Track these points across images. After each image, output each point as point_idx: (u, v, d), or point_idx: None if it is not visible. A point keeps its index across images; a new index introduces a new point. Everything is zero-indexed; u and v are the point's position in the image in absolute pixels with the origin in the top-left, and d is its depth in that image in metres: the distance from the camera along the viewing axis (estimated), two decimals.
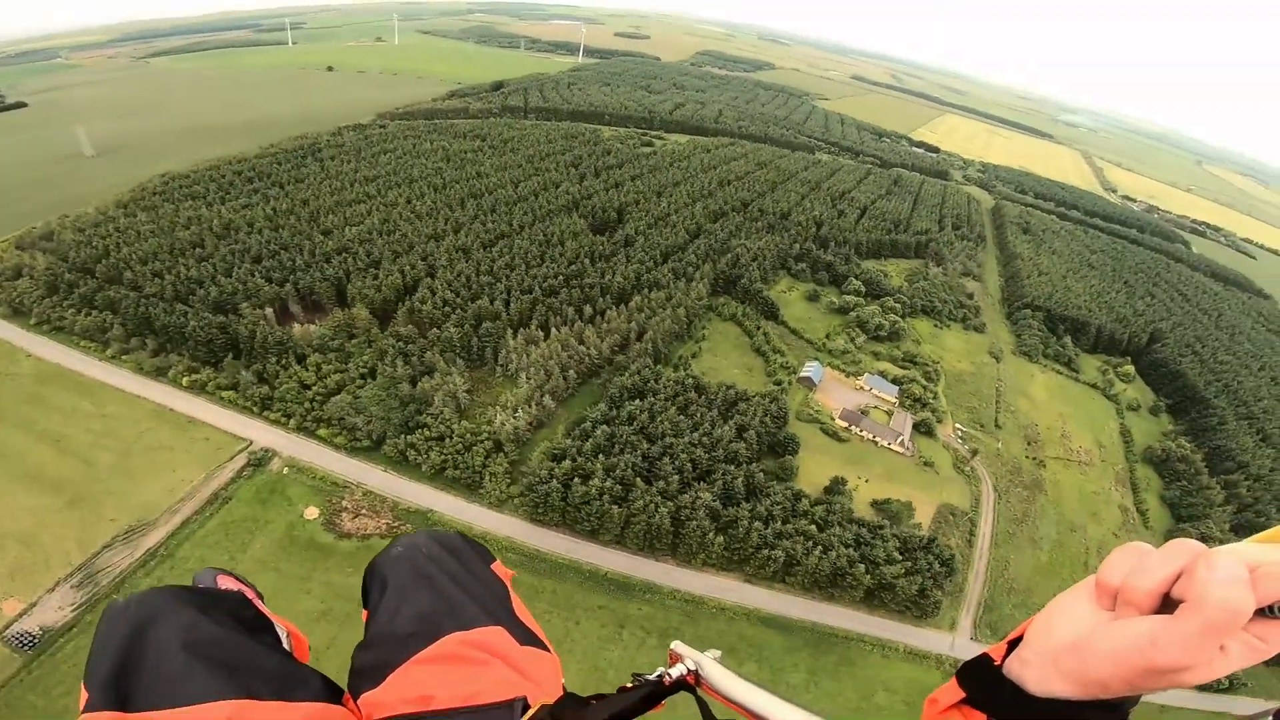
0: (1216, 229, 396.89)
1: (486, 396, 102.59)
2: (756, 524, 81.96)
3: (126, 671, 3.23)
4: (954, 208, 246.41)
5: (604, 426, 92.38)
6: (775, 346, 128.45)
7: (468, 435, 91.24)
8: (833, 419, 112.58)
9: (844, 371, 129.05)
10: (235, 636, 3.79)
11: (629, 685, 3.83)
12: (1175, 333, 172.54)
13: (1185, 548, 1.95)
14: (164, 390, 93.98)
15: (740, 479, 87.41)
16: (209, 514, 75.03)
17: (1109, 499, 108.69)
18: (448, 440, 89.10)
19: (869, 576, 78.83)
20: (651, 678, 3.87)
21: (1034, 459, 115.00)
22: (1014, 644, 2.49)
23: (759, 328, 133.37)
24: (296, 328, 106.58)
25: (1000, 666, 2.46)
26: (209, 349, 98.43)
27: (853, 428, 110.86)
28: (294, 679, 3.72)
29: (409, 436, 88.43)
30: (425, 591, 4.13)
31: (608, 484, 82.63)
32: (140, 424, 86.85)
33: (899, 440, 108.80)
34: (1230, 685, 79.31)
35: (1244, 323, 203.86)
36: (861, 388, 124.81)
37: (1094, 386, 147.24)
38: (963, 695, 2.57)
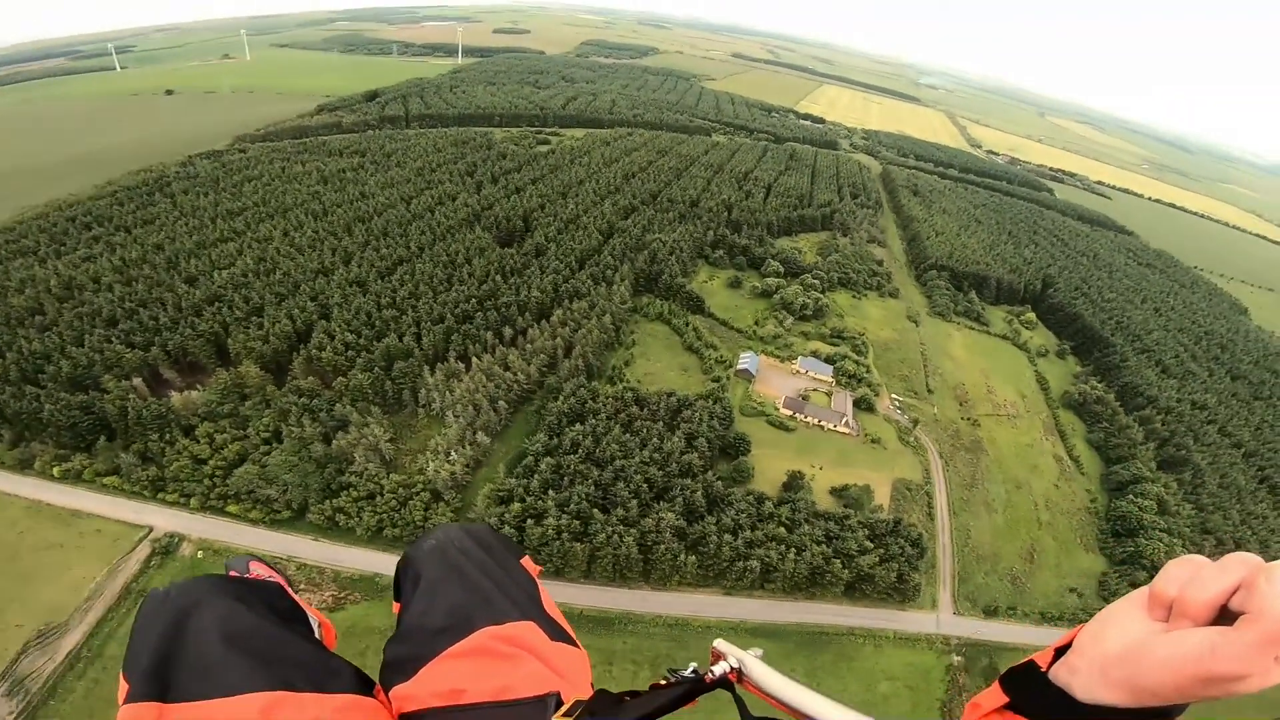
0: (1071, 174, 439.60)
1: (413, 443, 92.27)
2: (726, 536, 78.08)
3: (167, 661, 3.24)
4: (849, 176, 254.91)
5: (547, 459, 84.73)
6: (707, 341, 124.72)
7: (400, 489, 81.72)
8: (776, 409, 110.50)
9: (778, 357, 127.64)
10: (272, 627, 3.74)
11: (663, 682, 3.77)
12: (1063, 277, 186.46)
13: (1242, 561, 2.00)
14: (34, 484, 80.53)
15: (699, 491, 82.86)
16: (125, 610, 67.86)
17: (1042, 449, 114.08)
18: (379, 498, 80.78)
19: (846, 571, 77.21)
20: (687, 673, 3.81)
21: (968, 419, 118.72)
22: (1060, 651, 2.50)
23: (687, 324, 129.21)
24: (175, 396, 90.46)
25: (1046, 673, 2.46)
26: (74, 433, 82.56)
27: (797, 415, 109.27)
28: (328, 670, 3.69)
29: (334, 500, 79.89)
30: (457, 585, 4.07)
31: (564, 521, 75.99)
32: (17, 524, 75.19)
33: (843, 421, 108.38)
34: None
35: (1117, 259, 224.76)
36: (798, 371, 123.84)
37: (1004, 338, 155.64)
38: (1006, 700, 2.58)
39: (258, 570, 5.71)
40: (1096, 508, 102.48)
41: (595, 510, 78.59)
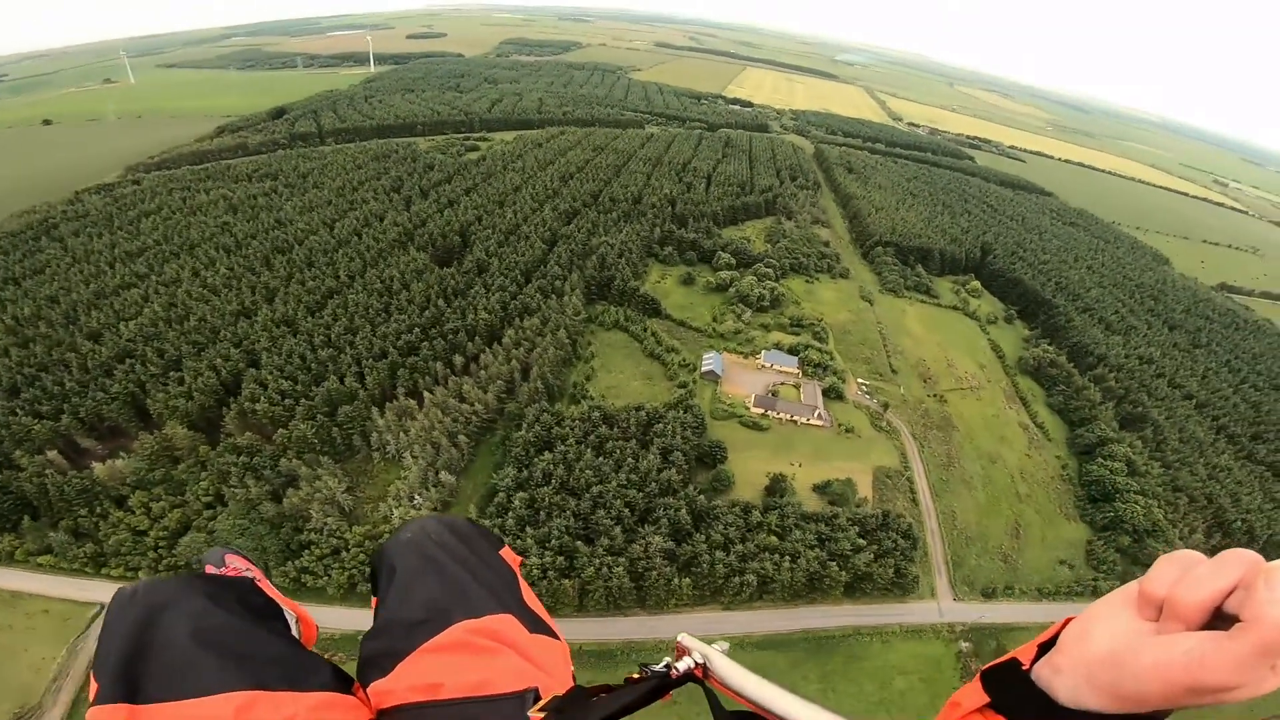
0: (987, 141, 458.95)
1: (372, 490, 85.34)
2: (718, 553, 74.70)
3: (136, 661, 3.17)
4: (785, 159, 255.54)
5: (520, 493, 78.89)
6: (667, 345, 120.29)
7: (366, 541, 75.80)
8: (748, 409, 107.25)
9: (741, 353, 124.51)
10: (245, 624, 3.67)
11: (635, 676, 3.73)
12: (999, 243, 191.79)
13: (1239, 559, 1.83)
14: None
15: (683, 509, 78.58)
16: None
17: (1008, 419, 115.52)
18: (345, 553, 75.35)
19: (844, 573, 75.10)
20: (658, 669, 3.78)
21: (934, 396, 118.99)
22: (1044, 646, 2.40)
23: (646, 329, 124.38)
24: (99, 466, 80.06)
25: (1029, 671, 2.37)
26: None
27: (769, 413, 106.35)
28: (304, 667, 3.61)
29: (296, 560, 74.86)
30: (433, 577, 3.99)
31: (547, 558, 71.37)
32: None
33: (816, 414, 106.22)
34: None
35: (1043, 221, 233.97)
36: (763, 366, 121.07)
37: (955, 309, 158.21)
38: (987, 700, 2.48)
39: (233, 563, 5.70)
40: (1069, 474, 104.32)
41: (578, 543, 73.90)
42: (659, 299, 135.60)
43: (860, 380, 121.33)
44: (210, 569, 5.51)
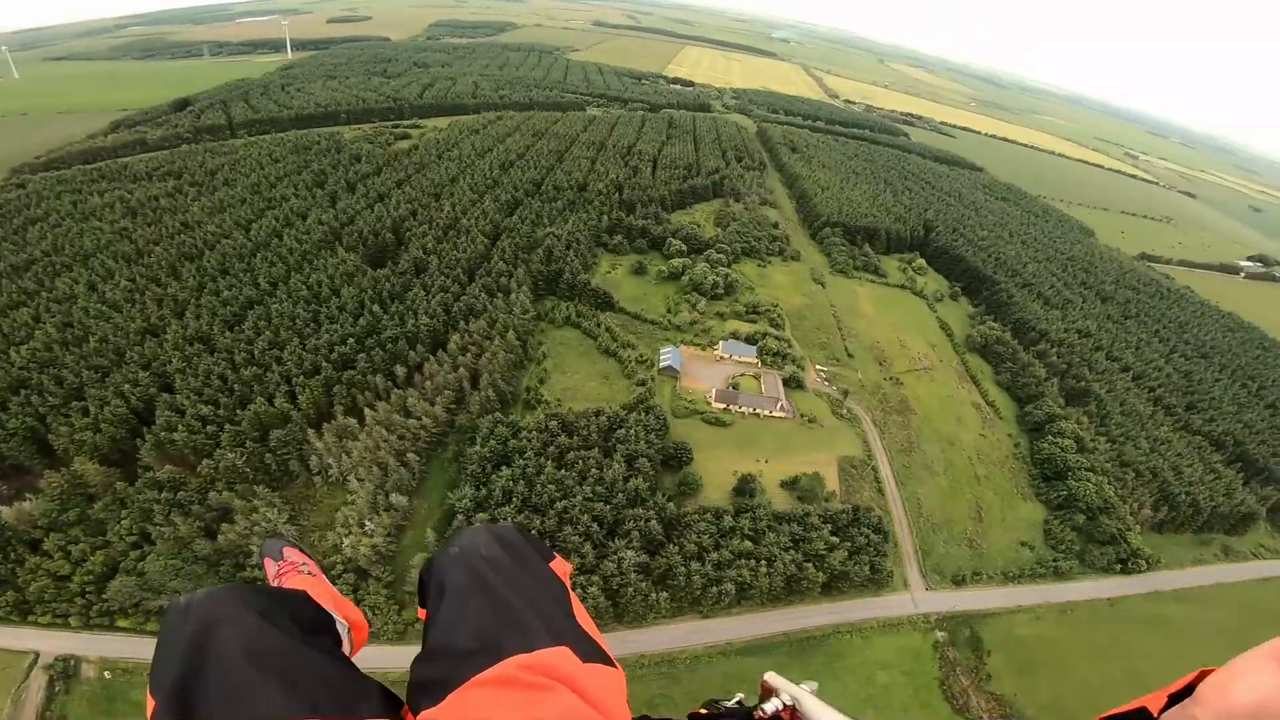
0: (918, 117, 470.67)
1: (317, 518, 78.70)
2: (694, 564, 72.33)
3: (192, 681, 3.20)
4: (730, 139, 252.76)
5: (479, 514, 74.07)
6: (623, 341, 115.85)
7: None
8: (709, 404, 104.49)
9: (698, 345, 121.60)
10: (297, 645, 3.66)
11: (702, 711, 3.78)
12: (940, 219, 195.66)
13: None
14: None
15: (653, 519, 75.21)
16: None
17: (961, 399, 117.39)
18: None
19: (820, 573, 73.94)
20: (731, 704, 3.79)
21: (891, 379, 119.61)
22: (1174, 696, 2.42)
23: (599, 324, 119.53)
24: (4, 510, 71.74)
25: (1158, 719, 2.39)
26: None
27: (731, 407, 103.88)
28: (356, 691, 3.63)
29: None
30: (483, 600, 3.85)
31: None
32: None
33: (778, 405, 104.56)
34: None
35: (977, 196, 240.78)
36: (721, 358, 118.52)
37: (903, 287, 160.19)
38: None
39: (291, 556, 5.92)
40: (1021, 452, 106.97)
41: None
42: (611, 291, 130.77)
43: (819, 367, 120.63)
44: (269, 562, 6.01)
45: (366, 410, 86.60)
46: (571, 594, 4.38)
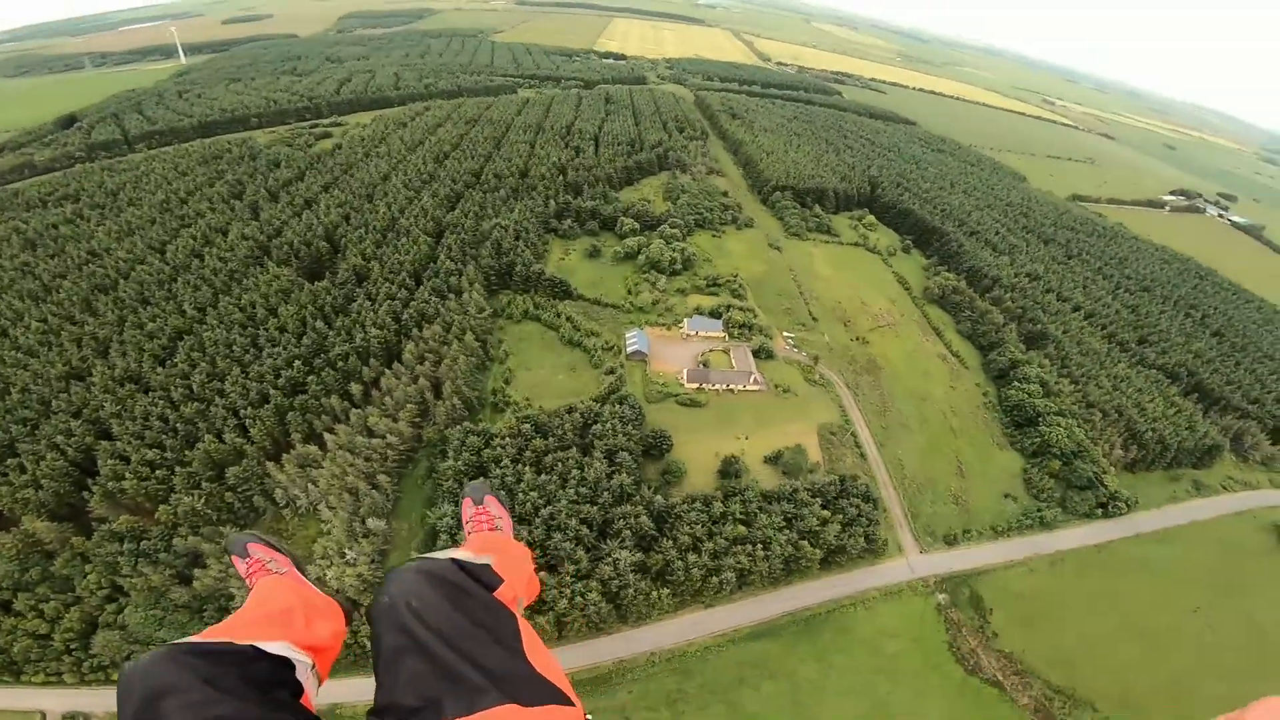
0: (849, 75, 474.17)
1: (294, 550, 70.93)
2: (690, 556, 70.36)
3: None
4: (669, 111, 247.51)
5: (462, 533, 68.91)
6: (586, 329, 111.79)
7: None
8: (681, 385, 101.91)
9: (663, 325, 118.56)
10: (249, 709, 3.51)
11: None
12: (884, 175, 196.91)
13: None
14: None
15: (642, 514, 72.53)
16: None
17: (926, 352, 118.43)
18: None
19: (817, 550, 72.80)
20: None
21: (857, 339, 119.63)
22: None
23: (559, 314, 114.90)
24: None
25: None
26: None
27: (704, 386, 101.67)
28: None
29: None
30: (417, 659, 3.68)
31: None
32: None
33: (751, 379, 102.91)
34: None
35: (915, 150, 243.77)
36: (688, 335, 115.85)
37: (856, 245, 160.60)
38: None
39: (257, 553, 5.83)
40: (990, 401, 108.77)
41: (542, 574, 66.56)
42: (567, 279, 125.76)
43: (786, 334, 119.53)
44: (237, 560, 5.91)
45: (326, 435, 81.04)
46: (521, 623, 4.21)
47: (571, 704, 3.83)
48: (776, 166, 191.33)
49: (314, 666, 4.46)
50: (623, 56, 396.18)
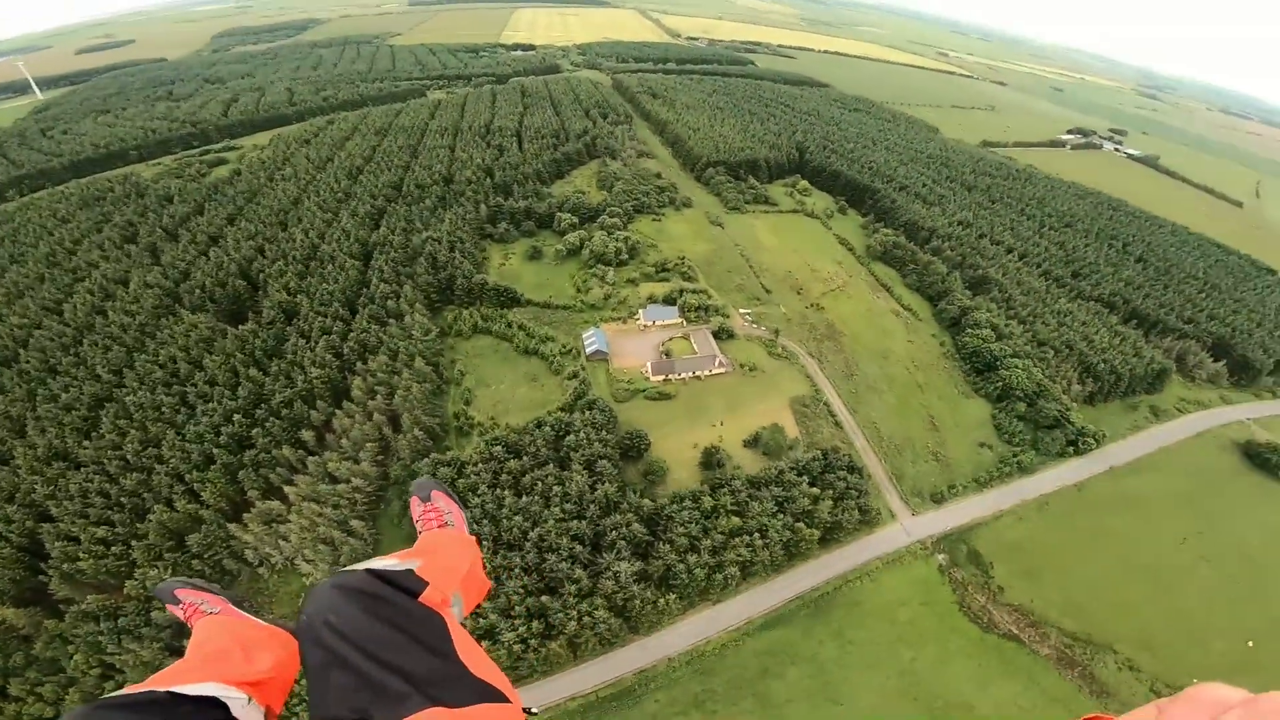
0: (759, 44, 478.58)
1: (280, 608, 70.28)
2: (690, 557, 68.46)
3: None
4: (589, 97, 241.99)
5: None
6: (540, 335, 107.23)
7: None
8: (647, 380, 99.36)
9: (619, 319, 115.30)
10: None
11: None
12: (809, 140, 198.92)
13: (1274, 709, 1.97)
14: None
15: (633, 522, 69.90)
16: None
17: (880, 310, 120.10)
18: (297, 684, 57.57)
19: (814, 530, 72.30)
20: None
21: (812, 306, 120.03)
22: None
23: (510, 324, 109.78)
24: None
25: None
26: None
27: (670, 377, 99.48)
28: None
29: None
30: (340, 673, 3.68)
31: (519, 629, 61.88)
32: None
33: (716, 362, 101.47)
34: None
35: (833, 111, 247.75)
36: (645, 326, 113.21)
37: (794, 212, 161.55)
38: None
39: (186, 598, 5.78)
40: (948, 350, 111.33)
41: (544, 598, 64.27)
42: (512, 285, 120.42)
43: (742, 310, 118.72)
44: (170, 608, 5.88)
45: (286, 488, 74.60)
46: (451, 625, 4.20)
47: (506, 700, 3.81)
48: (705, 142, 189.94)
49: (250, 700, 4.30)
50: (532, 47, 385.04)
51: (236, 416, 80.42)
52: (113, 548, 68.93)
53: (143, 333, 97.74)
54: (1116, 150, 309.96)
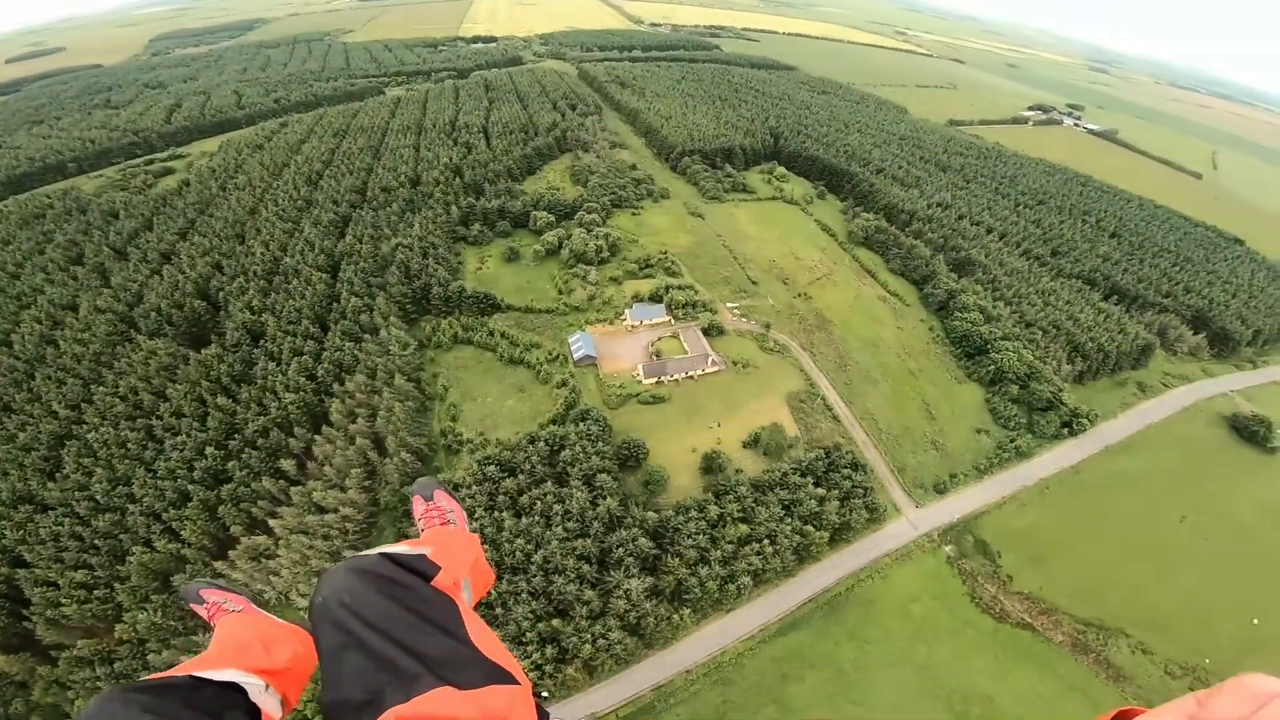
0: (723, 28, 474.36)
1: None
2: (700, 569, 66.38)
3: None
4: (556, 89, 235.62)
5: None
6: (525, 343, 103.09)
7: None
8: (639, 383, 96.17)
9: (605, 321, 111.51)
10: None
11: None
12: (783, 125, 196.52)
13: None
14: None
15: (639, 537, 67.10)
16: None
17: (867, 297, 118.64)
18: None
19: (823, 533, 70.76)
20: None
21: (799, 296, 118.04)
22: None
23: (491, 333, 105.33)
24: None
25: None
26: None
27: (662, 379, 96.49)
28: None
29: None
30: (356, 654, 3.75)
31: (534, 655, 59.51)
32: None
33: (709, 361, 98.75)
34: None
35: (803, 95, 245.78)
36: (632, 326, 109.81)
37: (774, 199, 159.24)
38: None
39: (210, 597, 6.04)
40: (938, 334, 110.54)
41: (555, 622, 61.64)
42: (491, 290, 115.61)
43: (730, 305, 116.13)
44: (195, 607, 6.11)
45: (271, 521, 69.99)
46: (464, 609, 4.28)
47: (516, 683, 3.86)
48: (679, 131, 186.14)
49: (268, 687, 4.41)
50: (493, 39, 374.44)
51: (209, 449, 75.18)
52: (95, 591, 65.26)
53: (98, 363, 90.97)
54: (1076, 125, 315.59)
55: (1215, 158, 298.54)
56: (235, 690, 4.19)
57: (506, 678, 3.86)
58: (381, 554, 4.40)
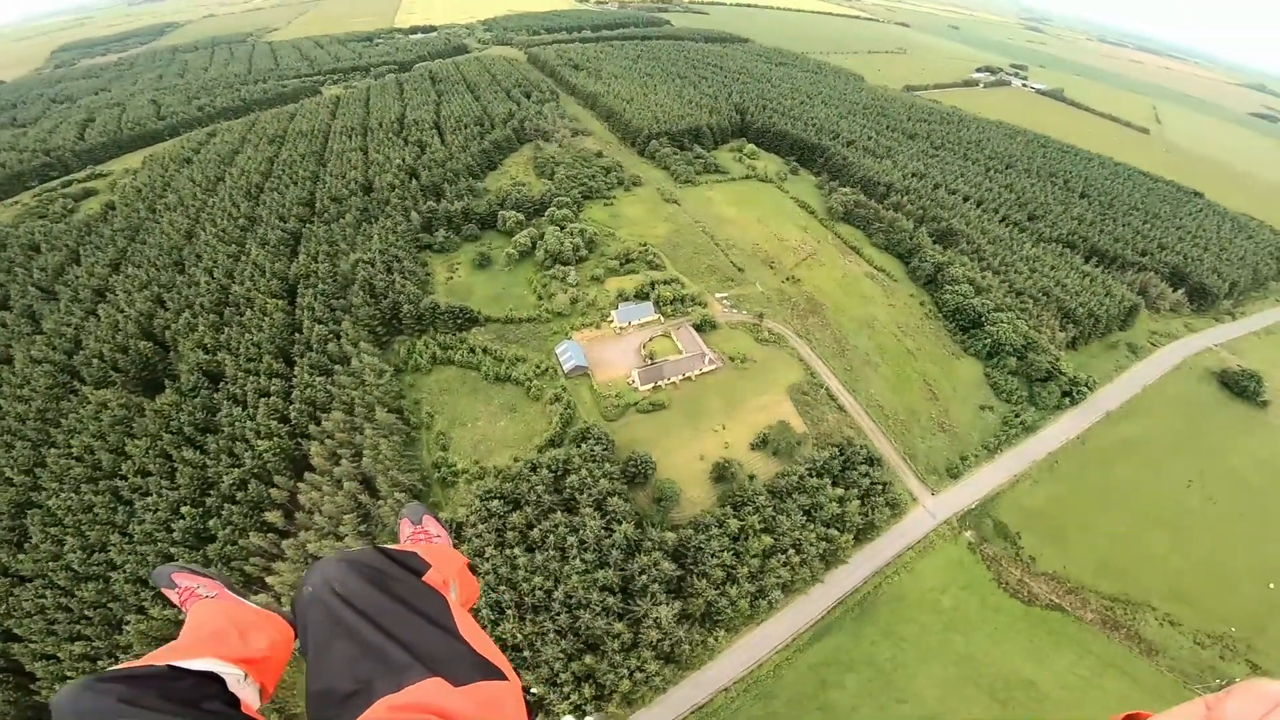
0: (671, 2, 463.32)
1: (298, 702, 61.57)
2: (731, 589, 63.47)
3: None
4: (507, 77, 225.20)
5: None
6: (509, 358, 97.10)
7: None
8: (635, 391, 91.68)
9: (592, 326, 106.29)
10: None
11: None
12: (747, 100, 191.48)
13: None
14: None
15: (660, 560, 63.32)
16: None
17: (855, 275, 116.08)
18: None
19: (848, 535, 68.73)
20: None
21: (788, 280, 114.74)
22: None
23: (472, 349, 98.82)
24: None
25: None
26: None
27: (660, 384, 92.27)
28: None
29: None
30: (346, 642, 3.76)
31: (573, 695, 56.24)
32: None
33: (705, 360, 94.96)
34: None
35: (762, 68, 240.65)
36: (621, 329, 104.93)
37: (748, 178, 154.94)
38: None
39: (183, 582, 5.72)
40: (930, 310, 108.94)
41: (587, 659, 57.85)
42: (465, 302, 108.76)
43: (719, 296, 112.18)
44: (166, 591, 5.77)
45: (268, 579, 63.94)
46: (452, 604, 4.25)
47: (505, 679, 3.86)
48: (643, 113, 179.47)
49: (247, 676, 4.30)
50: (433, 28, 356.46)
51: (184, 508, 68.20)
52: (99, 663, 61.24)
53: (44, 421, 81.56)
54: (1024, 85, 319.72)
55: (1157, 112, 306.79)
56: (213, 680, 3.98)
57: (497, 673, 3.79)
58: (373, 547, 4.37)
